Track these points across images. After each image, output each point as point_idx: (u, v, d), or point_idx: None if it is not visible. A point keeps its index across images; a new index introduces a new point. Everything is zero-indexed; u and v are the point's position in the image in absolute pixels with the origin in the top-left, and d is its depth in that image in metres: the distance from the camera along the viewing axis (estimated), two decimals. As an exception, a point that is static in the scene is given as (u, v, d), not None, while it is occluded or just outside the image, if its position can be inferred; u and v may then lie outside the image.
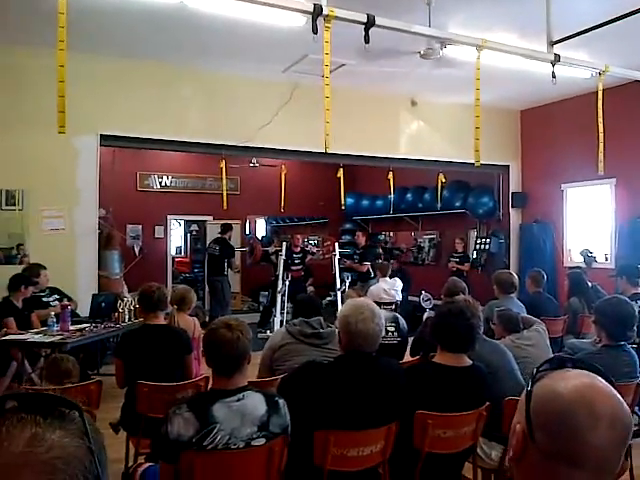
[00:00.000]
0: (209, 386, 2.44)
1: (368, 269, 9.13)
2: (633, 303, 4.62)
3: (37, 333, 5.07)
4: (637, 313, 3.82)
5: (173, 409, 2.14)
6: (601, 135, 5.17)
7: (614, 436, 0.90)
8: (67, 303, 5.56)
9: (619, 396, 0.94)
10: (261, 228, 13.58)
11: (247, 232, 12.94)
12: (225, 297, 9.07)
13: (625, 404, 0.94)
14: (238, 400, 2.16)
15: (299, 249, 9.72)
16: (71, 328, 5.23)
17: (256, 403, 2.20)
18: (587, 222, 8.62)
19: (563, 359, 1.03)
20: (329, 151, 4.22)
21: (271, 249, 10.05)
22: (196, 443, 2.08)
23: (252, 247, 11.11)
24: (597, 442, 0.89)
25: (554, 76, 4.75)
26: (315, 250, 10.99)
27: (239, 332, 2.19)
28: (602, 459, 0.90)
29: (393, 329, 4.13)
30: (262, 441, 2.18)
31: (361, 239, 10.09)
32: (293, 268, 9.28)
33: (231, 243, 9.43)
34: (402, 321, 4.26)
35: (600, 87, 5.19)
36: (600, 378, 0.96)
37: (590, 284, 6.05)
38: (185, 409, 2.11)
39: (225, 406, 2.14)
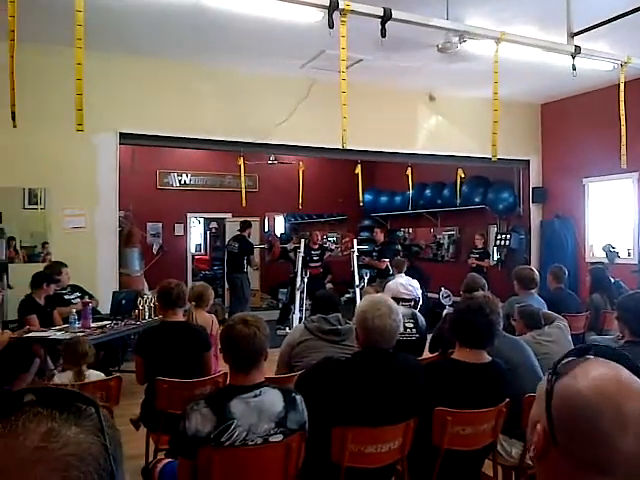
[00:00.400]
0: (227, 382, 2.45)
1: (387, 266, 9.10)
2: (657, 299, 4.57)
3: (59, 330, 5.14)
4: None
5: (191, 405, 2.15)
6: (623, 128, 5.08)
7: None
8: (88, 300, 5.62)
9: None
10: (280, 225, 13.60)
11: (266, 229, 12.97)
12: (245, 294, 9.11)
13: None
14: (255, 396, 2.17)
15: (317, 246, 9.71)
16: (92, 325, 5.29)
17: (273, 399, 2.20)
18: (609, 217, 8.48)
19: (585, 348, 0.95)
20: (347, 147, 4.20)
21: (289, 246, 10.04)
22: (214, 439, 2.09)
23: (271, 244, 11.13)
24: (627, 447, 0.81)
25: (574, 69, 4.68)
26: (333, 247, 10.97)
27: (256, 328, 2.19)
28: (634, 464, 0.82)
29: (412, 325, 4.10)
30: (279, 437, 2.18)
31: (379, 236, 10.07)
32: (312, 265, 9.26)
33: (250, 240, 9.45)
34: (420, 317, 4.23)
35: (622, 79, 5.10)
36: (624, 370, 0.88)
37: (612, 280, 5.97)
38: (203, 405, 2.12)
39: (242, 402, 2.14)
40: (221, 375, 3.35)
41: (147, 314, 5.88)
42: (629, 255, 8.01)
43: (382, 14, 3.72)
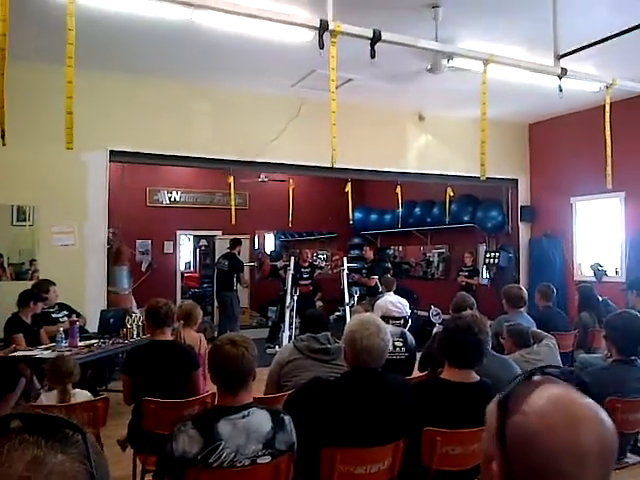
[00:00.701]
0: (215, 403, 2.43)
1: (376, 283, 9.12)
2: (644, 317, 4.60)
3: (46, 349, 5.08)
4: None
5: (178, 426, 2.13)
6: (609, 149, 5.14)
7: (603, 465, 0.82)
8: (75, 319, 5.57)
9: (599, 413, 0.84)
10: (270, 243, 13.59)
11: (256, 247, 12.96)
12: (234, 312, 9.06)
13: (606, 420, 0.84)
14: (243, 417, 2.15)
15: (307, 264, 9.70)
16: (79, 344, 5.24)
17: (261, 420, 2.18)
18: (597, 236, 8.56)
19: (531, 372, 0.92)
20: (336, 166, 4.23)
21: (279, 264, 10.02)
22: (201, 460, 2.07)
23: (261, 262, 11.11)
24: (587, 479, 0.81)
25: (561, 90, 4.74)
26: (324, 264, 10.96)
27: (244, 348, 2.18)
28: None
29: (401, 344, 4.10)
30: (268, 459, 2.16)
31: (369, 253, 10.10)
32: (301, 283, 9.25)
33: (240, 258, 9.42)
34: (409, 336, 4.23)
35: (608, 100, 5.17)
36: (574, 394, 0.86)
37: (600, 298, 6.00)
38: (190, 426, 2.10)
39: (230, 423, 2.12)
40: (209, 395, 3.32)
41: (135, 332, 5.83)
42: (617, 273, 8.07)
43: (372, 36, 3.76)
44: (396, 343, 4.02)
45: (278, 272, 10.04)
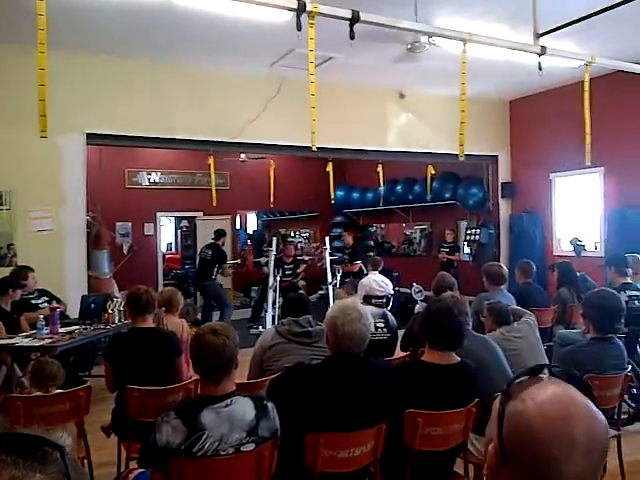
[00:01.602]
0: (199, 390, 2.43)
1: (360, 267, 9.11)
2: (622, 293, 4.69)
3: (26, 337, 5.03)
4: (625, 304, 3.85)
5: (161, 416, 2.13)
6: (587, 126, 5.17)
7: (591, 460, 0.87)
8: (56, 305, 5.51)
9: (594, 412, 0.89)
10: (252, 223, 13.55)
11: (238, 227, 12.90)
12: (222, 298, 9.02)
13: (601, 420, 0.90)
14: (226, 406, 2.16)
15: (291, 259, 9.56)
16: (61, 331, 5.19)
17: (245, 408, 2.19)
18: (576, 211, 8.65)
19: (536, 368, 0.98)
20: (317, 145, 4.20)
21: (263, 260, 9.81)
22: (185, 450, 2.08)
23: (244, 259, 11.05)
24: (573, 471, 0.85)
25: (540, 68, 4.74)
26: (307, 258, 10.77)
27: (225, 337, 2.18)
28: None
29: (382, 325, 4.13)
30: (251, 446, 2.17)
31: (348, 239, 10.07)
32: (284, 279, 8.93)
33: (224, 249, 9.34)
34: (391, 317, 4.26)
35: (587, 78, 5.19)
36: (574, 392, 0.91)
37: (579, 274, 6.08)
38: (173, 416, 2.10)
39: (213, 412, 2.13)
40: (193, 382, 3.32)
41: (117, 317, 5.79)
42: (596, 248, 8.18)
43: (350, 16, 3.72)
44: (378, 324, 4.04)
45: (262, 268, 9.90)
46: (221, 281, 9.52)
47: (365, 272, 8.70)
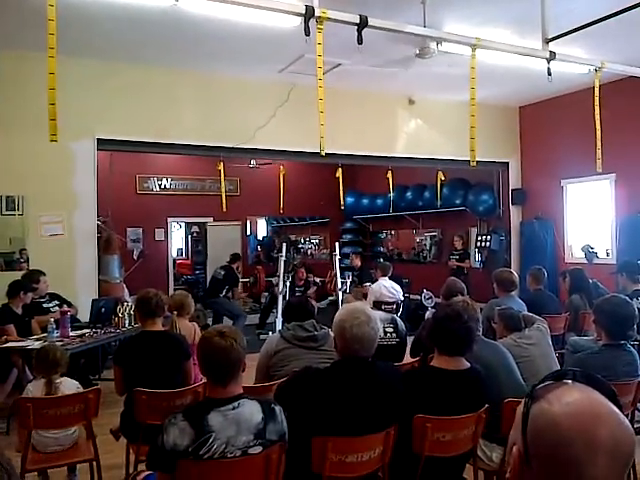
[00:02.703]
0: (207, 392, 2.43)
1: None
2: (634, 300, 4.64)
3: (37, 340, 5.07)
4: (637, 311, 3.81)
5: (169, 418, 2.13)
6: (598, 133, 5.14)
7: (615, 465, 0.84)
8: (67, 309, 5.55)
9: (621, 417, 0.87)
10: (262, 229, 13.58)
11: (248, 233, 12.93)
12: (235, 310, 9.01)
13: (628, 425, 0.88)
14: (233, 408, 2.15)
15: (302, 282, 9.63)
16: (71, 334, 5.23)
17: (252, 411, 2.18)
18: (588, 218, 8.59)
19: (562, 372, 0.97)
20: (327, 151, 4.20)
21: (275, 280, 9.78)
22: (192, 452, 2.07)
23: (256, 278, 11.04)
24: (596, 474, 0.83)
25: (550, 73, 4.72)
26: (318, 280, 10.74)
27: (232, 340, 2.17)
28: None
29: (391, 330, 4.11)
30: (259, 449, 2.17)
31: (356, 262, 10.07)
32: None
33: (237, 273, 9.36)
34: (400, 322, 4.24)
35: (597, 84, 5.15)
36: (599, 396, 0.89)
37: (590, 280, 6.03)
38: (180, 418, 2.10)
39: (220, 415, 2.12)
40: (201, 385, 3.32)
41: (127, 321, 5.83)
42: (608, 255, 8.12)
43: (358, 21, 3.72)
44: (387, 329, 4.03)
45: (274, 287, 9.87)
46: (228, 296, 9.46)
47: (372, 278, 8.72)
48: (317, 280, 10.66)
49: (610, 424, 0.85)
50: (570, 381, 0.94)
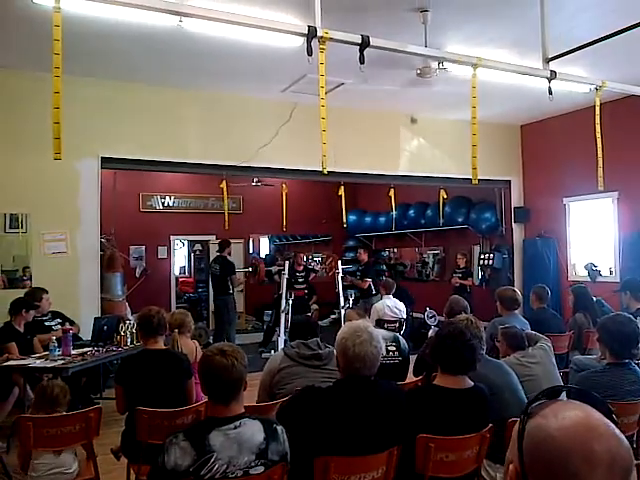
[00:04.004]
0: (208, 412, 2.42)
1: (370, 286, 9.17)
2: (638, 319, 4.60)
3: (39, 358, 5.05)
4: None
5: (170, 438, 2.11)
6: (599, 151, 5.15)
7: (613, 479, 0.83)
8: (69, 327, 5.53)
9: (617, 432, 0.87)
10: (264, 247, 13.58)
11: (251, 251, 12.93)
12: (230, 316, 8.99)
13: (624, 440, 0.87)
14: (235, 428, 2.13)
15: (302, 267, 9.72)
16: (73, 352, 5.20)
17: (254, 431, 2.17)
18: (591, 236, 8.58)
19: (557, 389, 0.98)
20: (329, 169, 4.22)
21: (274, 269, 10.01)
22: (193, 473, 2.05)
23: (255, 267, 11.09)
24: None
25: (551, 92, 4.75)
26: (318, 267, 10.97)
27: (234, 358, 2.16)
28: None
29: (394, 348, 4.10)
30: (261, 469, 2.14)
31: (363, 256, 10.13)
32: (297, 287, 9.26)
33: (231, 260, 9.30)
34: (403, 341, 4.22)
35: (597, 102, 5.18)
36: (595, 412, 0.89)
37: (594, 298, 6.00)
38: (182, 438, 2.09)
39: (222, 434, 2.11)
40: (202, 404, 3.30)
41: (129, 340, 5.80)
42: (611, 273, 8.09)
43: (360, 41, 3.76)
44: (389, 347, 4.01)
45: (273, 276, 10.04)
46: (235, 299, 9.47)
47: (374, 292, 8.77)
48: (318, 268, 10.77)
49: (607, 438, 0.85)
50: (565, 398, 0.94)
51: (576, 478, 0.82)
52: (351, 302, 8.88)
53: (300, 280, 9.47)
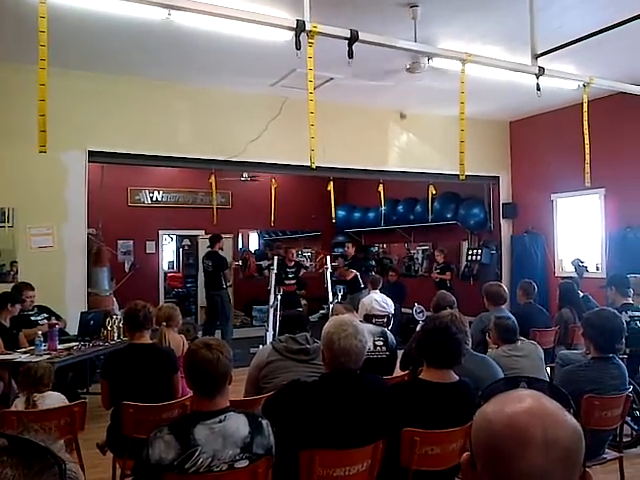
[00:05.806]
0: (193, 406, 2.41)
1: (356, 278, 9.21)
2: (623, 314, 4.65)
3: (24, 353, 5.02)
4: (626, 324, 3.82)
5: (154, 432, 2.11)
6: (587, 147, 5.19)
7: (550, 459, 0.85)
8: (55, 322, 5.50)
9: (562, 416, 0.88)
10: (254, 241, 13.55)
11: (240, 246, 12.90)
12: (225, 310, 8.96)
13: (571, 424, 0.88)
14: (220, 422, 2.13)
15: (293, 263, 9.71)
16: (59, 347, 5.18)
17: (239, 424, 2.17)
18: (578, 232, 8.64)
19: (517, 379, 1.02)
20: (318, 164, 4.22)
21: (264, 263, 10.01)
22: (178, 466, 2.05)
23: (246, 260, 11.07)
24: (528, 470, 0.84)
25: (539, 88, 4.77)
26: (309, 264, 10.98)
27: (219, 352, 2.16)
28: None
29: (381, 343, 4.11)
30: (245, 463, 2.14)
31: (350, 250, 10.21)
32: (287, 282, 9.25)
33: (222, 255, 9.27)
34: (390, 335, 4.23)
35: (585, 99, 5.21)
36: (544, 399, 0.91)
37: (581, 294, 6.05)
38: (166, 432, 2.08)
39: (206, 428, 2.10)
40: (188, 398, 3.30)
41: (116, 334, 5.78)
42: (597, 269, 8.15)
43: (349, 36, 3.75)
44: (377, 342, 4.02)
45: (263, 271, 10.04)
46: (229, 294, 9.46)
47: (362, 285, 8.83)
48: (308, 264, 10.79)
49: (543, 420, 0.87)
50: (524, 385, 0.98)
51: (509, 458, 0.85)
52: (339, 297, 8.90)
53: (290, 275, 9.46)
